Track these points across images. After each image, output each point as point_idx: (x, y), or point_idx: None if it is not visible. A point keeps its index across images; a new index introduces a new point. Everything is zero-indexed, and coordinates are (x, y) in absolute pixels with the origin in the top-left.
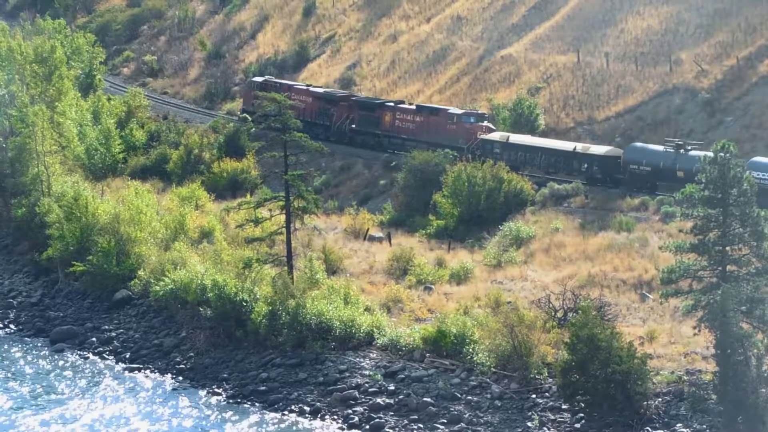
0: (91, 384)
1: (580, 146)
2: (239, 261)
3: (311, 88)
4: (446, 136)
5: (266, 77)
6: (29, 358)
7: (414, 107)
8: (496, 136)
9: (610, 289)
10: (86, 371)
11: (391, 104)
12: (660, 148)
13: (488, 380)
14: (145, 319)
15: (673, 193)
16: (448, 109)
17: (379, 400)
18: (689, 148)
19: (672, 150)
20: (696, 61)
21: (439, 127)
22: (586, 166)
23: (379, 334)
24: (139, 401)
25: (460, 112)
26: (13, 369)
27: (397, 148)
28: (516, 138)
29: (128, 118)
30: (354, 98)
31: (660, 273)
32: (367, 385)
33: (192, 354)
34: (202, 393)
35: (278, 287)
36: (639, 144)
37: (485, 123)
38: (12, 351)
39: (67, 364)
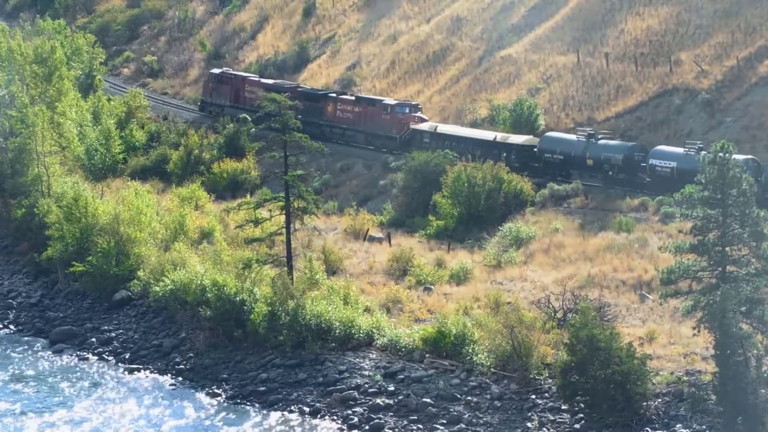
0: (90, 384)
1: (500, 136)
2: (239, 261)
3: (262, 80)
4: (381, 125)
5: (223, 69)
6: (29, 358)
7: (353, 98)
8: (425, 126)
9: (609, 290)
10: (86, 372)
11: (333, 95)
12: (573, 137)
13: (488, 381)
14: (145, 319)
15: (583, 179)
16: (383, 100)
17: (378, 400)
18: (599, 137)
19: (584, 139)
20: (696, 62)
21: (375, 117)
22: (505, 154)
23: (378, 334)
24: (138, 402)
25: (393, 102)
26: (12, 369)
27: (338, 137)
28: (443, 128)
29: (128, 119)
30: (300, 89)
31: (659, 274)
32: (366, 385)
33: (191, 354)
34: (202, 393)
35: (278, 288)
36: (553, 133)
37: (418, 114)
38: (11, 351)
39: (67, 365)
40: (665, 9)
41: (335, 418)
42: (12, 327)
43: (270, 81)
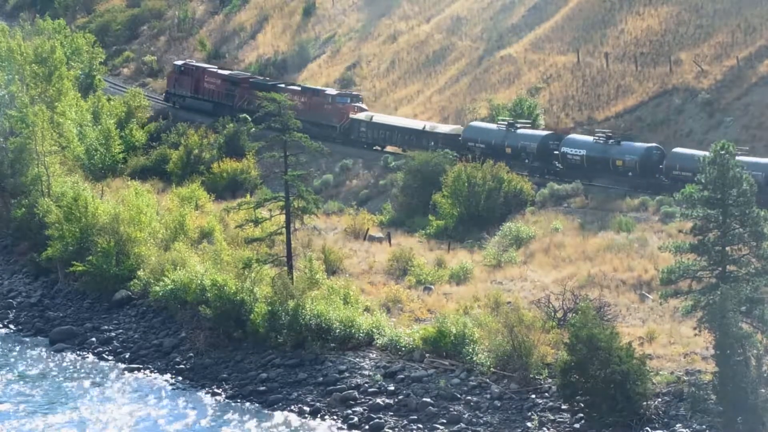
0: (90, 384)
1: (428, 125)
2: (239, 261)
3: (219, 71)
4: (324, 115)
5: (186, 61)
6: (29, 358)
7: (299, 88)
8: (362, 115)
9: (609, 290)
10: (85, 371)
11: (282, 86)
12: (494, 126)
13: (488, 380)
14: (145, 319)
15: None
16: (325, 90)
17: (378, 400)
18: (518, 126)
19: (503, 129)
20: (696, 62)
21: (318, 107)
22: (432, 143)
23: (378, 334)
24: (138, 401)
25: (334, 93)
26: (12, 369)
27: None
28: (378, 117)
29: (128, 119)
30: (251, 80)
31: (659, 273)
32: (366, 385)
33: (191, 354)
34: (202, 393)
35: (278, 287)
36: (476, 123)
37: (358, 104)
38: (11, 351)
39: (67, 364)
40: (665, 9)
41: (335, 417)
42: (12, 327)
43: (226, 72)
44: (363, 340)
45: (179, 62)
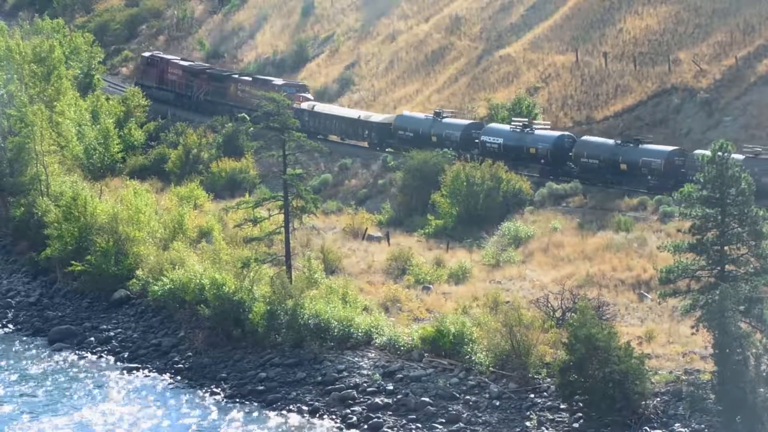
0: (89, 384)
1: (363, 114)
2: (238, 260)
3: (181, 62)
4: None
5: (153, 52)
6: (27, 357)
7: (250, 79)
8: (305, 105)
9: (608, 289)
10: (84, 371)
11: (236, 76)
12: (422, 116)
13: (487, 380)
14: (144, 318)
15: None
16: (273, 80)
17: (377, 399)
18: (444, 116)
19: (431, 118)
20: (695, 61)
21: None
22: (366, 132)
23: (377, 333)
24: (137, 401)
25: (281, 83)
26: (11, 369)
27: (237, 115)
28: (320, 107)
29: (127, 118)
30: (208, 71)
31: (658, 273)
32: (365, 384)
33: (190, 353)
34: (201, 392)
35: (277, 287)
36: (406, 113)
37: (303, 94)
38: (10, 350)
39: (65, 364)
40: (664, 8)
41: (334, 417)
42: (11, 326)
43: (186, 63)
44: (362, 340)
45: (147, 54)
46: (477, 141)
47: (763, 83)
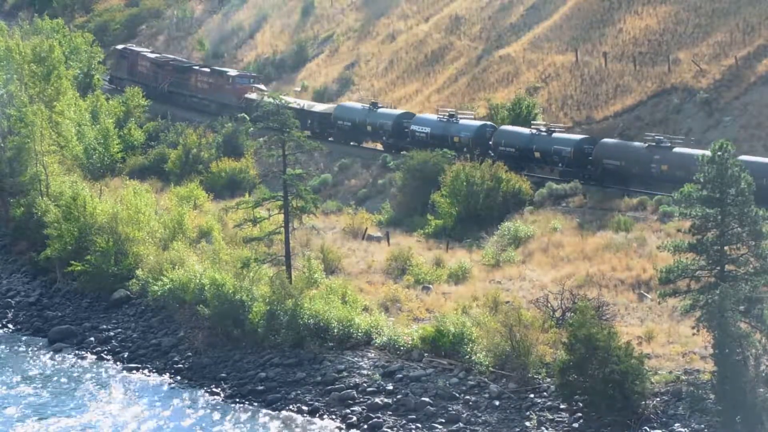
0: (88, 384)
1: (306, 104)
2: (237, 260)
3: (149, 54)
4: (225, 95)
5: (126, 45)
6: (27, 357)
7: (209, 70)
8: (255, 95)
9: (608, 289)
10: (84, 371)
11: (196, 68)
12: (359, 106)
13: (486, 380)
14: (144, 318)
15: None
16: (228, 71)
17: (377, 399)
18: (379, 107)
19: (367, 108)
20: (694, 61)
21: (221, 87)
22: (309, 121)
23: (377, 333)
24: (136, 401)
25: (235, 74)
26: (10, 369)
27: (197, 106)
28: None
29: (126, 118)
30: (172, 62)
31: (658, 273)
32: (365, 384)
33: (190, 353)
34: (200, 392)
35: (276, 287)
36: (346, 103)
37: (257, 85)
38: (10, 351)
39: (65, 364)
40: (664, 8)
41: (334, 417)
42: (11, 326)
43: (153, 55)
44: (361, 340)
45: (120, 46)
46: (407, 130)
47: (763, 83)
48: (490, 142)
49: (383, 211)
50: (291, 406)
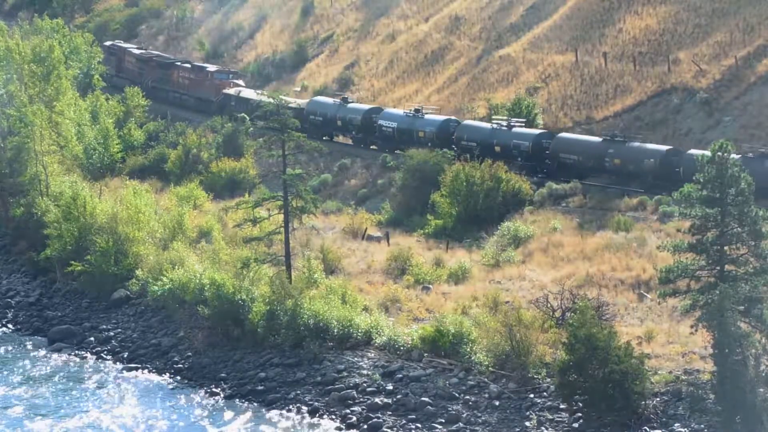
0: (88, 384)
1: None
2: (237, 261)
3: (135, 51)
4: (204, 90)
5: (114, 42)
6: (27, 357)
7: (189, 66)
8: (232, 91)
9: (608, 289)
10: (84, 371)
11: (178, 64)
12: (330, 101)
13: (486, 380)
14: (143, 318)
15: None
16: (206, 67)
17: (377, 399)
18: (349, 101)
19: (338, 103)
20: (694, 61)
21: (200, 83)
22: None
23: (377, 333)
24: (136, 401)
25: (213, 69)
26: (10, 369)
27: (178, 101)
28: (245, 93)
29: (126, 118)
30: (155, 59)
31: (658, 273)
32: (365, 384)
33: (190, 353)
34: (200, 392)
35: (276, 287)
36: (317, 98)
37: (234, 80)
38: (10, 350)
39: (65, 364)
40: (663, 8)
41: (334, 417)
42: (10, 326)
43: (138, 51)
44: (361, 340)
45: (108, 43)
46: (375, 125)
47: (763, 83)
48: (454, 137)
49: (383, 211)
50: (291, 406)
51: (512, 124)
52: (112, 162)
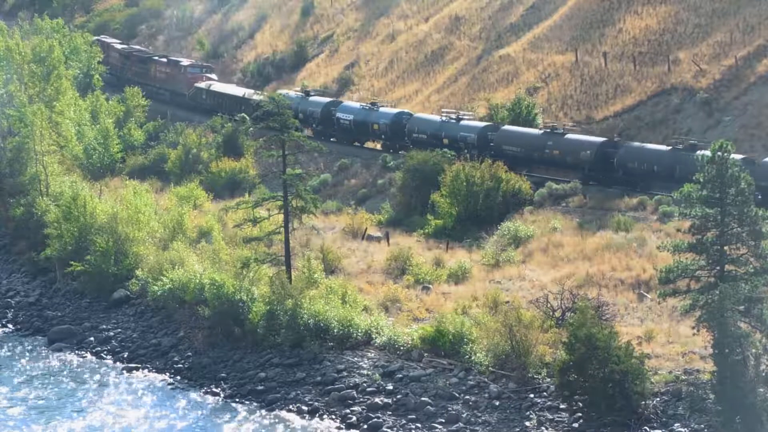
0: (88, 383)
1: (247, 92)
2: (237, 261)
3: (118, 46)
4: (178, 84)
5: (100, 36)
6: (27, 357)
7: (165, 60)
8: (203, 84)
9: (608, 289)
10: (84, 371)
11: (156, 58)
12: (292, 94)
13: (486, 380)
14: (143, 318)
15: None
16: (180, 61)
17: (377, 399)
18: (311, 94)
19: (300, 96)
20: (694, 61)
21: (175, 76)
22: (247, 108)
23: (377, 333)
24: (136, 401)
25: (187, 63)
26: (10, 368)
27: (155, 95)
28: (216, 86)
29: (126, 118)
30: (135, 53)
31: (658, 273)
32: (365, 384)
33: (190, 353)
34: (200, 392)
35: (276, 287)
36: (281, 91)
37: (207, 74)
38: (10, 350)
39: (65, 364)
40: (663, 8)
41: (334, 417)
42: (10, 326)
43: (121, 47)
44: (361, 340)
45: (94, 38)
46: (334, 118)
47: (763, 83)
48: (406, 129)
49: (383, 211)
50: (291, 406)
51: (460, 116)
52: (112, 162)
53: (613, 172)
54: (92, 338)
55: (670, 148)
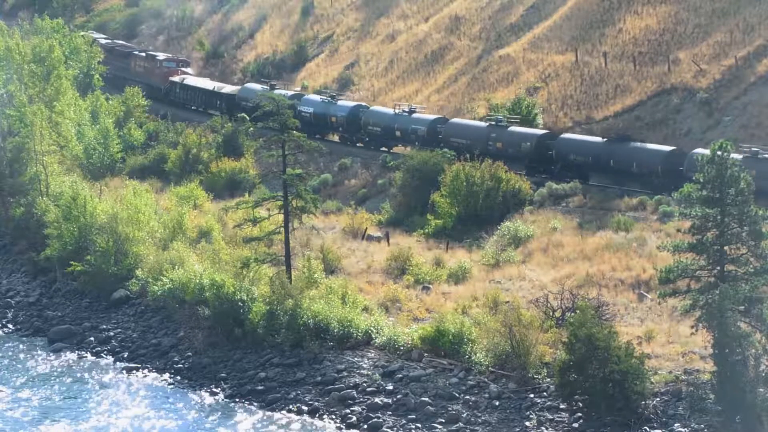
0: (88, 383)
1: (217, 86)
2: (237, 260)
3: (102, 41)
4: (154, 78)
5: (86, 32)
6: (27, 357)
7: (144, 55)
8: (177, 78)
9: (608, 289)
10: (84, 371)
11: (136, 53)
12: (259, 87)
13: (486, 380)
14: (143, 318)
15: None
16: (157, 55)
17: (377, 399)
18: (274, 86)
19: (266, 89)
20: (694, 61)
21: (152, 70)
22: (218, 102)
23: (377, 333)
24: (136, 401)
25: (162, 57)
26: (10, 369)
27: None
28: (189, 80)
29: (126, 118)
30: (116, 48)
31: (658, 273)
32: (365, 384)
33: (190, 353)
34: (200, 392)
35: (276, 287)
36: (249, 84)
37: (183, 69)
38: (10, 351)
39: (65, 364)
40: (663, 8)
41: (334, 417)
42: (10, 326)
43: (104, 41)
44: (361, 340)
45: (81, 34)
46: (296, 110)
47: (763, 83)
48: (361, 122)
49: (383, 211)
50: (291, 406)
51: (413, 109)
52: (112, 162)
53: (553, 163)
54: (92, 338)
55: (605, 140)
